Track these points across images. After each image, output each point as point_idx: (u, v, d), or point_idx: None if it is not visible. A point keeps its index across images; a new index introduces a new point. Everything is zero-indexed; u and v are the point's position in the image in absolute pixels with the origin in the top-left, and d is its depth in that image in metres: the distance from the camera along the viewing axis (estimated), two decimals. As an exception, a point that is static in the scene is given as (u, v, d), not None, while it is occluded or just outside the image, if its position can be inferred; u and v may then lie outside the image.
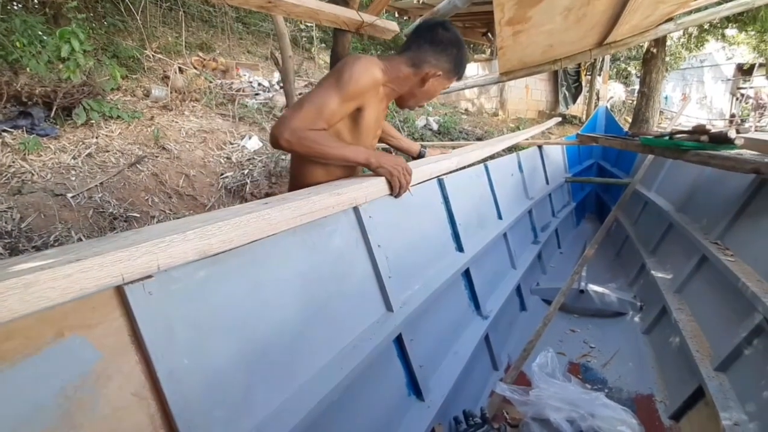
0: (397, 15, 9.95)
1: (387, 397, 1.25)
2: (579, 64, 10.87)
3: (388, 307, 1.28)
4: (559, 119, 6.83)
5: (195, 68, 5.09)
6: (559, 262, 3.42)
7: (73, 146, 3.22)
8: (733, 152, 1.84)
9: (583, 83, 11.42)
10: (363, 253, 1.26)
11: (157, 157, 3.36)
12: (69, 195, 2.81)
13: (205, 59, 5.44)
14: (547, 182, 3.68)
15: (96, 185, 2.95)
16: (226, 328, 0.83)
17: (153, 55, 5.11)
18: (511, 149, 3.30)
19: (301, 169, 1.33)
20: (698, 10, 3.73)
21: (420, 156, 1.78)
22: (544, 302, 2.70)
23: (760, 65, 16.65)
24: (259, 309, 0.90)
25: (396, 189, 1.24)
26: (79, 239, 2.58)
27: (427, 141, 6.08)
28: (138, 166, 3.21)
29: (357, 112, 1.24)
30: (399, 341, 1.31)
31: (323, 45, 8.83)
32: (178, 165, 3.39)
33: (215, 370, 0.79)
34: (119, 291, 0.68)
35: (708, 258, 1.86)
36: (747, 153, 1.88)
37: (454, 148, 2.39)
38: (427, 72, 1.26)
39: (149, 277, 0.71)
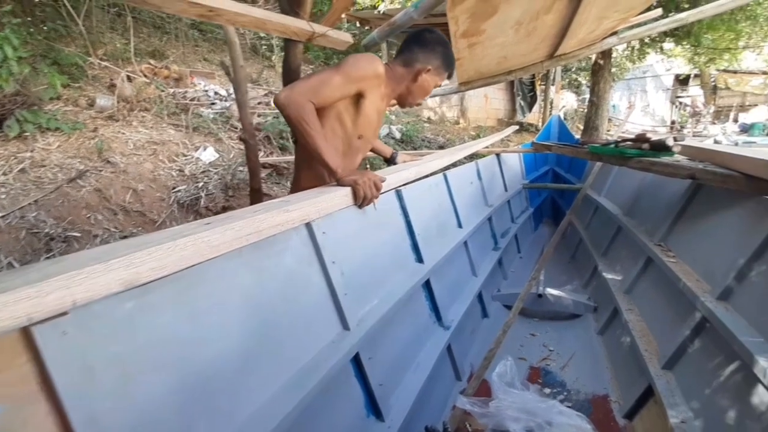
0: (358, 24, 10.01)
1: (344, 420, 1.21)
2: (533, 75, 11.35)
3: (345, 326, 1.24)
4: (516, 127, 7.08)
5: (145, 76, 4.84)
6: (519, 267, 3.51)
7: (4, 161, 2.95)
8: (671, 159, 1.95)
9: (538, 92, 11.93)
10: (317, 270, 1.22)
11: (100, 171, 3.13)
12: (-2, 214, 2.57)
13: (156, 67, 5.20)
14: (506, 189, 3.77)
15: (30, 203, 2.71)
16: (159, 363, 0.76)
17: (99, 63, 4.82)
18: (471, 157, 3.37)
19: (303, 171, 1.47)
20: (638, 25, 3.99)
21: (391, 159, 1.95)
22: (506, 308, 2.75)
23: (695, 76, 18.16)
24: (198, 339, 0.84)
25: (359, 200, 1.24)
26: (10, 264, 2.35)
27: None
28: (79, 181, 2.99)
29: (359, 99, 1.36)
30: (356, 360, 1.27)
31: (284, 53, 8.70)
32: (125, 179, 3.18)
33: (145, 411, 0.72)
34: (26, 332, 0.60)
35: (653, 260, 1.95)
36: (684, 159, 2.00)
37: (421, 156, 2.40)
38: (418, 69, 1.41)
39: (63, 314, 0.63)
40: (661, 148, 1.99)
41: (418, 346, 1.69)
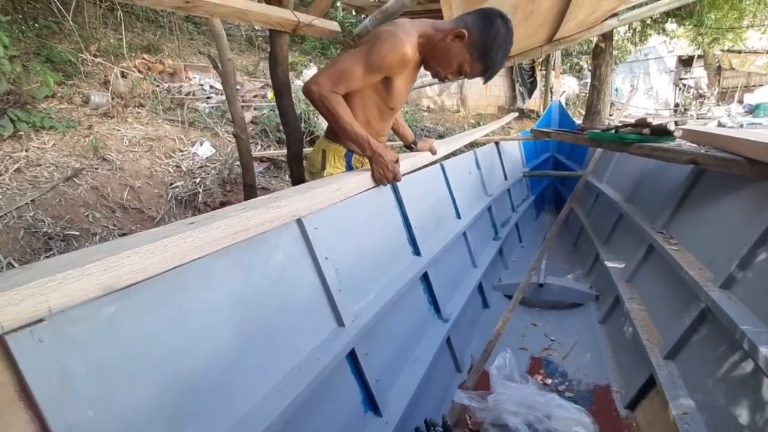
0: (354, 13, 9.85)
1: (341, 417, 1.20)
2: (533, 60, 11.17)
3: (339, 322, 1.22)
4: (516, 114, 6.99)
5: (139, 72, 4.79)
6: (521, 256, 3.48)
7: (-1, 161, 2.94)
8: (672, 144, 1.91)
9: (538, 78, 11.76)
10: (309, 267, 1.20)
11: (97, 169, 3.11)
12: (-5, 215, 2.57)
13: (150, 62, 5.14)
14: (506, 178, 3.73)
15: (27, 203, 2.70)
16: (143, 367, 0.75)
17: (92, 59, 4.77)
18: (470, 146, 3.32)
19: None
20: (639, 5, 3.89)
21: (411, 146, 1.97)
22: (507, 298, 2.72)
23: (699, 57, 17.85)
24: (184, 341, 0.82)
25: (376, 180, 1.41)
26: (9, 264, 2.35)
27: (390, 140, 6.04)
28: (75, 179, 2.97)
29: (387, 80, 1.37)
30: (352, 356, 1.26)
31: (270, 45, 8.58)
32: (122, 176, 3.16)
33: (129, 417, 0.70)
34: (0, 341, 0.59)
35: (655, 247, 1.91)
36: (685, 144, 1.96)
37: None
38: (452, 29, 1.29)
39: (40, 321, 0.61)
40: (661, 132, 1.94)
41: (416, 340, 1.67)
